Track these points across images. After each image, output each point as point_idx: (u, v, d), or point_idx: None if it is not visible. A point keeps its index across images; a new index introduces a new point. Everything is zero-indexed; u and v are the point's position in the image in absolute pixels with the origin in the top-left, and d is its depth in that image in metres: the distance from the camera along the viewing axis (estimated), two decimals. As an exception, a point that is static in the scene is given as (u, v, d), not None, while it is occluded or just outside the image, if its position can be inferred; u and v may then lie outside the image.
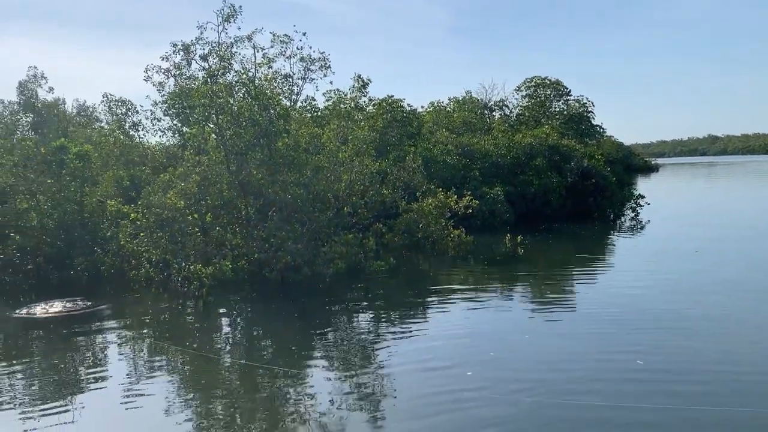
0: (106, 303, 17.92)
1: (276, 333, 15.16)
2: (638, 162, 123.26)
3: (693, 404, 9.63)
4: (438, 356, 12.40)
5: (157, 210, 19.39)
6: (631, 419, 9.30)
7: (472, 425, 9.18)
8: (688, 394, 10.07)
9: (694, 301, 16.36)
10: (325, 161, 22.07)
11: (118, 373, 12.09)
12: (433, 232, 25.75)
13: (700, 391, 10.16)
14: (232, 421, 9.84)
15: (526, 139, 40.04)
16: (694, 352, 12.21)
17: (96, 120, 46.01)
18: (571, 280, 20.54)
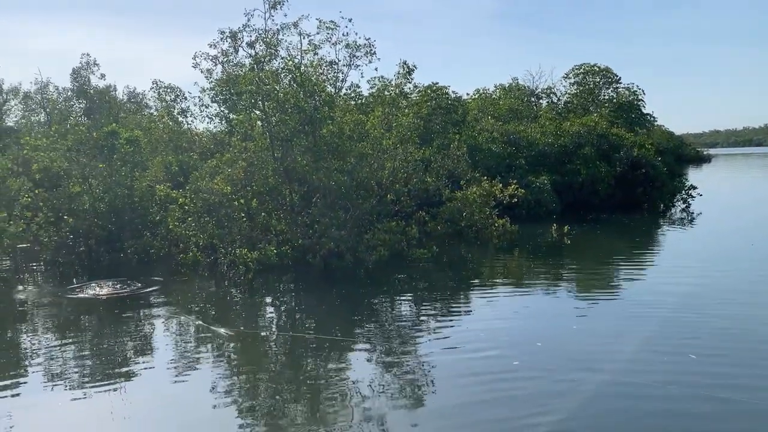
0: (155, 285, 18.33)
1: (319, 317, 15.26)
2: (690, 152, 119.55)
3: (750, 398, 9.29)
4: (482, 345, 12.27)
5: (205, 195, 19.69)
6: (687, 410, 9.05)
7: (519, 415, 9.02)
8: (745, 388, 9.71)
9: (749, 294, 15.80)
10: (369, 148, 22.02)
11: (166, 351, 12.37)
12: (477, 220, 25.49)
13: (756, 386, 9.78)
14: (275, 401, 9.95)
15: (573, 128, 39.22)
16: (748, 348, 11.77)
17: (146, 106, 47.14)
18: (619, 272, 20.08)
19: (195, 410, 9.64)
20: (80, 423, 9.15)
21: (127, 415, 9.39)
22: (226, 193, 19.47)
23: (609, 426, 8.71)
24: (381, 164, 23.76)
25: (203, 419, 9.27)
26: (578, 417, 8.91)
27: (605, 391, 9.82)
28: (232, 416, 9.33)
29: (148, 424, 9.23)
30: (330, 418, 9.14)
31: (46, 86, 44.04)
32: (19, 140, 29.47)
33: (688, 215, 33.84)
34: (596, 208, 35.10)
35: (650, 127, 62.09)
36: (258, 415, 9.43)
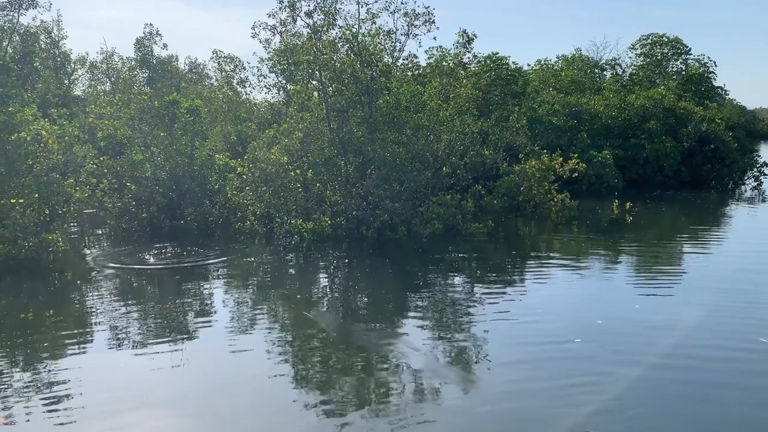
0: (213, 252, 18.69)
1: (372, 290, 15.27)
2: (763, 128, 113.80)
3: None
4: (540, 322, 12.04)
5: (262, 165, 19.85)
6: (751, 399, 8.66)
7: (580, 395, 8.77)
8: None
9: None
10: (426, 120, 21.71)
11: (224, 317, 12.62)
12: (535, 195, 24.95)
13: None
14: (328, 371, 10.02)
15: (639, 101, 37.70)
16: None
17: (206, 77, 47.86)
18: (683, 251, 19.34)
19: (249, 373, 9.78)
20: (141, 380, 9.41)
21: (184, 374, 9.66)
22: (283, 164, 19.58)
23: (671, 409, 8.37)
24: (437, 136, 23.46)
25: (256, 383, 9.41)
26: (639, 400, 8.61)
27: (667, 376, 9.46)
28: (284, 382, 9.46)
29: (202, 385, 9.41)
30: (381, 389, 9.13)
31: (111, 56, 45.13)
32: (85, 109, 30.40)
33: (760, 193, 32.26)
34: (661, 185, 33.81)
35: (721, 101, 59.22)
36: (310, 383, 9.52)
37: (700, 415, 8.35)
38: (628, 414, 8.25)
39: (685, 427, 7.95)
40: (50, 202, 18.14)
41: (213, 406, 8.67)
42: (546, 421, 8.08)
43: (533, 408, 8.45)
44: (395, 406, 8.53)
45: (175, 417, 8.31)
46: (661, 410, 8.39)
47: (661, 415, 8.25)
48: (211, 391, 9.16)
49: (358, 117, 20.68)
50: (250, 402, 8.78)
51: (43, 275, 15.91)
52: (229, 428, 8.06)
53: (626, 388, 9.03)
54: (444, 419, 8.22)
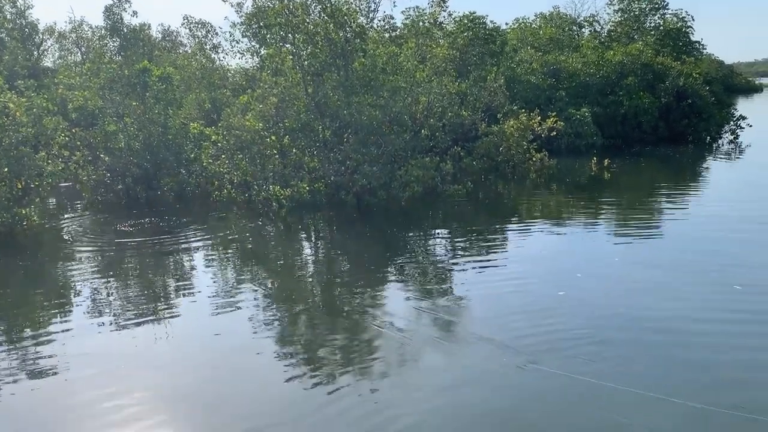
0: (192, 222, 18.51)
1: (354, 254, 15.23)
2: (740, 82, 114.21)
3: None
4: (521, 278, 12.15)
5: (237, 132, 19.56)
6: (726, 342, 8.93)
7: (563, 346, 8.93)
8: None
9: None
10: (403, 82, 21.43)
11: (205, 287, 12.51)
12: (514, 155, 24.90)
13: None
14: (312, 334, 10.09)
15: (617, 57, 37.51)
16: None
17: (180, 44, 46.82)
18: (661, 206, 19.48)
19: (233, 342, 9.76)
20: (125, 353, 9.36)
21: (168, 345, 9.60)
22: (258, 130, 19.30)
23: (644, 352, 8.51)
24: (415, 98, 23.21)
25: (242, 350, 9.39)
26: (617, 344, 8.77)
27: (651, 327, 9.64)
28: (269, 348, 9.45)
29: (189, 351, 9.44)
30: (366, 350, 9.16)
31: (80, 25, 43.92)
32: (55, 80, 29.68)
33: (737, 147, 32.50)
34: (639, 141, 33.90)
35: (699, 56, 59.14)
36: (295, 349, 9.52)
37: (670, 357, 8.53)
38: (606, 355, 8.52)
39: (657, 367, 8.11)
40: (22, 176, 17.80)
41: (198, 375, 8.67)
42: (530, 373, 8.16)
43: (516, 362, 8.52)
44: (380, 371, 8.57)
45: (161, 388, 8.26)
46: (637, 352, 8.69)
47: (636, 357, 8.56)
48: (196, 361, 9.14)
49: (334, 80, 20.35)
50: (236, 370, 8.77)
51: (18, 250, 15.69)
52: (216, 397, 8.05)
53: (605, 334, 9.30)
54: (429, 381, 8.27)
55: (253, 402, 7.82)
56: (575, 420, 7.16)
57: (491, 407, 7.54)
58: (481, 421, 7.20)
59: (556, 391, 7.78)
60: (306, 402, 7.74)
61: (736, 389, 7.68)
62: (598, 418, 7.16)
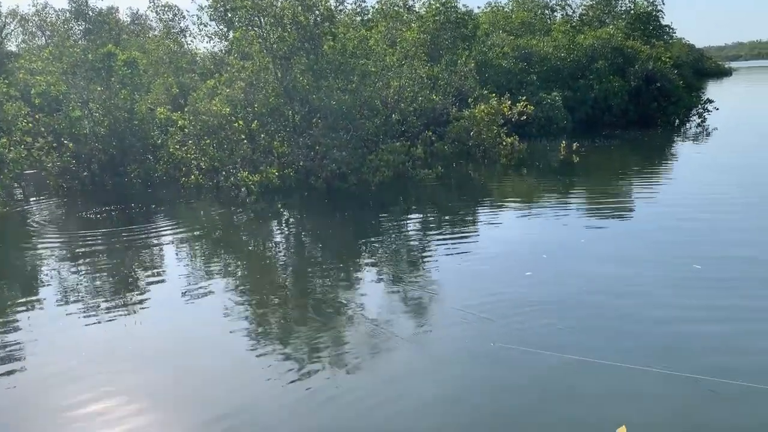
0: (160, 208, 18.27)
1: (325, 239, 15.18)
2: (710, 65, 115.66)
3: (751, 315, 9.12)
4: (490, 261, 12.22)
5: (204, 117, 19.28)
6: (685, 316, 9.10)
7: (530, 327, 9.02)
8: (745, 296, 9.55)
9: (758, 205, 15.45)
10: (373, 66, 21.31)
11: (176, 274, 12.34)
12: (484, 140, 24.93)
13: (756, 306, 9.58)
14: (285, 321, 9.99)
15: (587, 41, 37.73)
16: (751, 257, 11.53)
17: (149, 28, 45.97)
18: (629, 189, 19.68)
19: (206, 329, 9.67)
20: (97, 343, 9.22)
21: (140, 335, 9.46)
22: (225, 115, 19.04)
23: (600, 325, 8.64)
24: (386, 82, 23.11)
25: (214, 339, 9.30)
26: (575, 319, 8.86)
27: (608, 302, 9.81)
28: (242, 335, 9.37)
29: (159, 341, 9.29)
30: (339, 341, 9.13)
31: (44, 8, 42.88)
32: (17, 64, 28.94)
33: (704, 130, 32.95)
34: (609, 125, 34.22)
35: (668, 40, 59.76)
36: (268, 335, 9.45)
37: (630, 330, 8.73)
38: (565, 330, 8.63)
39: (618, 339, 8.22)
40: (-18, 163, 17.40)
41: (172, 362, 8.58)
42: (500, 352, 8.22)
43: (486, 342, 8.58)
44: (353, 354, 8.55)
45: (130, 380, 8.11)
46: (601, 327, 8.94)
47: (592, 331, 8.83)
48: (169, 349, 9.05)
49: (303, 64, 20.16)
50: (209, 357, 8.70)
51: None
52: (189, 383, 7.98)
53: (570, 312, 9.48)
54: (403, 365, 8.28)
55: (226, 392, 7.74)
56: (547, 395, 7.24)
57: (465, 388, 7.58)
58: (456, 403, 7.23)
59: (527, 368, 7.89)
60: (281, 392, 7.68)
61: (698, 356, 7.87)
62: (571, 391, 7.28)
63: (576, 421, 6.79)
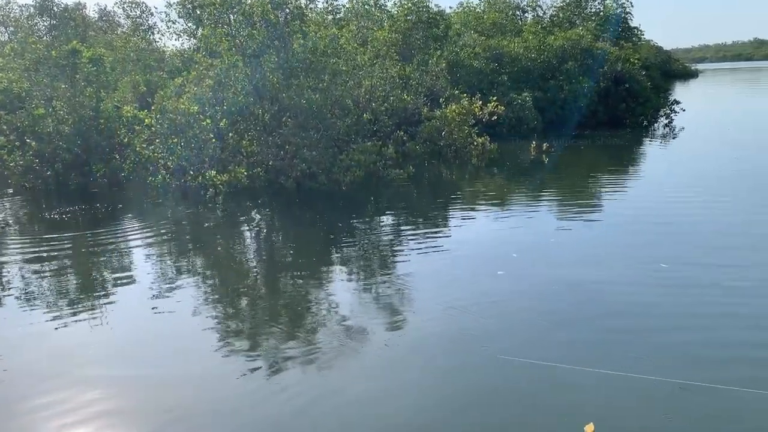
0: (126, 208, 17.91)
1: (295, 240, 15.03)
2: (677, 67, 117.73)
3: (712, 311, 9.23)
4: (462, 261, 12.21)
5: (171, 116, 18.95)
6: (648, 311, 9.10)
7: (500, 326, 9.00)
8: (710, 292, 9.67)
9: (729, 209, 15.71)
10: (344, 65, 21.18)
11: (144, 276, 12.05)
12: (456, 139, 24.98)
13: (722, 313, 9.70)
14: (255, 322, 9.83)
15: (557, 42, 38.07)
16: (715, 254, 11.68)
17: (118, 25, 45.17)
18: (598, 189, 19.87)
19: (174, 330, 9.49)
20: (64, 346, 8.95)
21: (108, 336, 9.21)
22: (193, 113, 18.74)
23: (564, 324, 8.66)
24: (358, 82, 23.02)
25: (182, 339, 9.14)
26: (557, 324, 8.87)
27: (588, 297, 9.84)
28: (212, 336, 9.17)
29: (126, 344, 9.04)
30: (310, 339, 9.02)
31: (8, 3, 41.87)
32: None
33: (671, 131, 33.47)
34: (579, 125, 34.56)
35: (637, 41, 60.68)
36: (239, 336, 9.26)
37: (599, 330, 8.73)
38: (524, 334, 8.53)
39: (585, 342, 8.22)
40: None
41: (138, 364, 8.37)
42: (471, 353, 8.18)
43: (457, 341, 8.56)
44: (325, 356, 8.42)
45: (99, 379, 7.91)
46: (571, 329, 8.81)
47: (563, 332, 8.68)
48: (136, 350, 8.83)
49: (273, 63, 19.94)
50: (177, 358, 8.53)
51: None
52: (156, 385, 7.80)
53: (540, 311, 9.46)
54: (375, 365, 8.20)
55: (194, 393, 7.59)
56: (516, 396, 7.21)
57: (436, 387, 7.53)
58: (429, 402, 7.17)
59: (496, 369, 7.86)
60: (250, 391, 7.55)
61: (675, 360, 7.86)
62: (542, 395, 7.24)
63: (541, 415, 6.78)
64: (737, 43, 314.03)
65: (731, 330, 8.83)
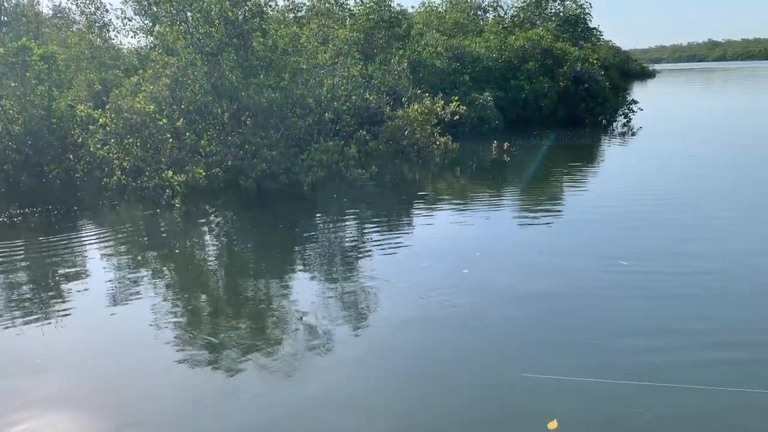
0: (80, 211, 17.36)
1: (256, 241, 14.74)
2: (635, 67, 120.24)
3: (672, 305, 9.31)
4: (424, 261, 12.08)
5: (126, 115, 18.45)
6: (607, 306, 9.17)
7: (460, 326, 8.89)
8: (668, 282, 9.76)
9: (687, 206, 15.98)
10: (305, 63, 20.93)
11: (100, 281, 11.57)
12: (418, 139, 24.93)
13: (686, 294, 9.80)
14: (216, 324, 9.55)
15: (518, 42, 38.40)
16: (673, 251, 11.84)
17: (74, 22, 43.93)
18: (558, 189, 20.05)
19: (133, 336, 9.14)
20: (11, 352, 8.57)
21: (61, 344, 8.83)
22: (149, 113, 18.27)
23: (523, 326, 8.63)
24: (319, 81, 22.79)
25: (140, 345, 8.81)
26: (501, 317, 8.82)
27: (538, 299, 9.79)
28: (170, 341, 8.86)
29: (83, 351, 8.69)
30: (272, 339, 8.83)
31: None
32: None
33: (629, 130, 34.02)
34: (540, 125, 34.89)
35: (596, 42, 61.67)
36: (198, 340, 8.96)
37: (557, 329, 8.68)
38: (490, 332, 8.46)
39: (547, 344, 8.21)
40: None
41: (94, 370, 8.07)
42: (435, 351, 8.07)
43: (420, 341, 8.44)
44: (287, 358, 8.22)
45: (53, 386, 7.61)
46: (533, 329, 8.76)
47: (513, 330, 8.62)
48: (92, 357, 8.49)
49: (232, 61, 19.58)
50: (137, 364, 8.23)
51: None
52: (112, 391, 7.51)
53: (503, 309, 9.39)
54: (335, 366, 8.03)
55: (152, 398, 7.34)
56: (485, 395, 7.12)
57: (397, 389, 7.41)
58: (388, 403, 7.04)
59: (462, 369, 7.79)
60: (213, 395, 7.34)
61: (637, 359, 7.87)
62: (499, 395, 7.17)
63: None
64: (692, 44, 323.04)
65: (691, 328, 8.91)
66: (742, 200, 16.87)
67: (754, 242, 12.92)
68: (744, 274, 11.05)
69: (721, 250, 12.35)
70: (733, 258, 11.86)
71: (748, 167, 21.94)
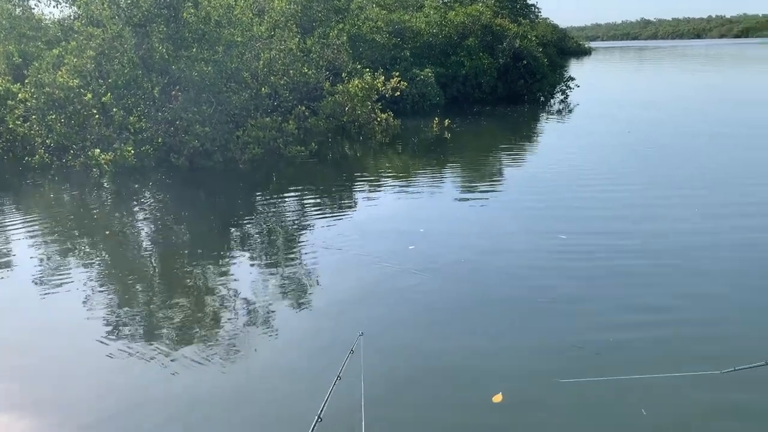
0: (1, 191, 16.33)
1: (189, 221, 14.13)
2: (572, 45, 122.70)
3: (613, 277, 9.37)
4: (368, 239, 11.84)
5: (48, 89, 17.37)
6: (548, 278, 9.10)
7: (405, 302, 8.72)
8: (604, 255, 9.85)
9: (623, 181, 16.22)
10: (239, 36, 20.16)
11: (26, 266, 10.85)
12: (359, 115, 24.53)
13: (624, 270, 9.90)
14: (152, 308, 9.07)
15: (458, 17, 38.26)
16: (612, 221, 11.99)
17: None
18: (498, 164, 20.09)
19: (64, 323, 8.57)
20: None
21: None
22: (73, 87, 17.25)
23: (466, 297, 8.54)
24: (255, 54, 22.05)
25: (73, 332, 8.29)
26: (463, 297, 8.69)
27: (491, 267, 9.72)
28: (103, 329, 8.31)
29: (11, 341, 8.09)
30: (211, 322, 8.45)
31: None
32: None
33: (566, 106, 34.52)
34: (480, 101, 35.02)
35: (534, 19, 62.28)
36: (132, 326, 8.44)
37: (500, 303, 8.62)
38: (432, 313, 8.32)
39: (492, 314, 8.13)
40: None
41: (21, 363, 7.53)
42: (380, 328, 7.83)
43: (365, 319, 8.19)
44: (227, 341, 7.90)
45: None
46: (458, 298, 8.67)
47: (458, 302, 8.48)
48: (22, 344, 7.96)
49: (161, 33, 18.66)
50: (67, 351, 7.77)
51: None
52: (43, 383, 7.04)
53: (449, 285, 9.23)
54: (275, 349, 7.73)
55: (90, 392, 6.87)
56: (436, 374, 6.95)
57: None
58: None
59: (408, 346, 7.62)
60: (145, 382, 6.97)
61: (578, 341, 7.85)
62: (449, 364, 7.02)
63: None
64: (626, 23, 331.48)
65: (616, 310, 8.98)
66: (676, 175, 17.27)
67: (686, 219, 13.21)
68: (676, 251, 11.27)
69: (649, 229, 12.59)
70: (663, 237, 12.09)
71: (681, 141, 22.52)
